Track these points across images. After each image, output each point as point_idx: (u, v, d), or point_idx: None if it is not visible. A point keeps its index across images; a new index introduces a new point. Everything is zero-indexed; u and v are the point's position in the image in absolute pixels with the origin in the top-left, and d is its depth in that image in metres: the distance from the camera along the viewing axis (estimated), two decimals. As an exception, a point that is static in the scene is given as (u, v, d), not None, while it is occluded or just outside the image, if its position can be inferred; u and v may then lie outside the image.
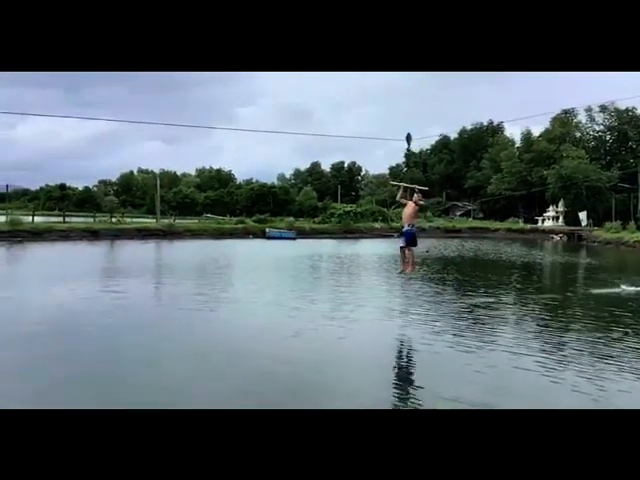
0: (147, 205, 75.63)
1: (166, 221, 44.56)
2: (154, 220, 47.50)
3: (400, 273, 11.64)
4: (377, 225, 51.78)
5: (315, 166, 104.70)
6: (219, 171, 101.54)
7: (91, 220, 44.50)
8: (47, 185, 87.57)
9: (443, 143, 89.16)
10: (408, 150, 11.44)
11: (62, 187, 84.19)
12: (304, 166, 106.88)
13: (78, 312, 10.73)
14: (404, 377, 7.27)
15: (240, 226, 45.37)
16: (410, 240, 10.90)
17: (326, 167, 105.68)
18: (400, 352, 8.32)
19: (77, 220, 45.28)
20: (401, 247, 11.13)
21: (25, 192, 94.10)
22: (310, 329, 9.53)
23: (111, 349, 8.15)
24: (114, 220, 42.94)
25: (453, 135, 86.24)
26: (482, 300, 13.06)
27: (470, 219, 67.30)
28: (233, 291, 14.31)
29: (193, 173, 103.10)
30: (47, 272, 17.82)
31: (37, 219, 41.72)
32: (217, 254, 26.69)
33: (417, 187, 11.34)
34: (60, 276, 16.28)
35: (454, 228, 55.46)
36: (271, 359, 7.51)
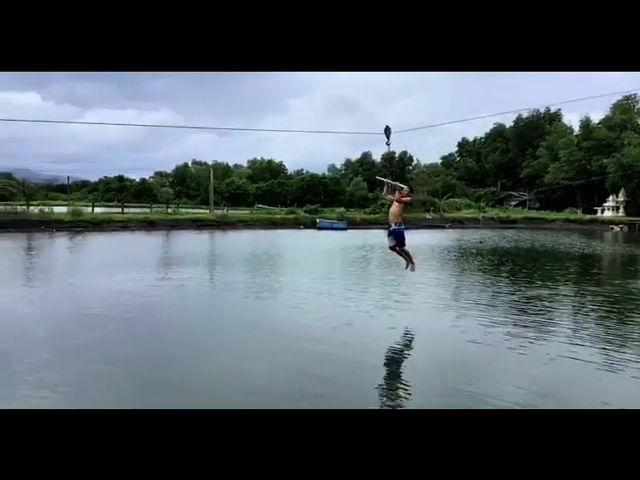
0: (201, 196, 77.15)
1: (219, 212, 45.42)
2: (208, 211, 48.48)
3: (407, 269, 10.70)
4: (428, 216, 51.13)
5: (366, 156, 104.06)
6: (270, 162, 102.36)
7: (148, 211, 45.83)
8: (106, 177, 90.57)
9: (498, 131, 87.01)
10: (387, 144, 10.84)
11: (120, 179, 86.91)
12: (355, 156, 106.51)
13: (143, 299, 11.11)
14: (457, 369, 7.18)
15: (291, 216, 45.76)
16: (398, 239, 10.22)
17: (377, 157, 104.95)
18: (454, 342, 8.20)
19: (134, 211, 46.74)
20: (390, 247, 10.44)
21: (85, 184, 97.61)
22: (362, 318, 9.54)
23: (183, 331, 8.43)
24: (170, 211, 44.14)
25: (508, 123, 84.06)
26: (540, 292, 12.72)
27: (526, 209, 65.56)
28: (285, 280, 14.46)
29: (245, 164, 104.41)
30: (108, 261, 18.50)
31: (97, 210, 43.31)
32: (269, 244, 27.01)
33: (398, 185, 10.49)
34: (121, 265, 16.88)
35: (509, 219, 54.14)
36: (326, 344, 7.58)
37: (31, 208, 35.88)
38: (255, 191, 79.96)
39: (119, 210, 45.61)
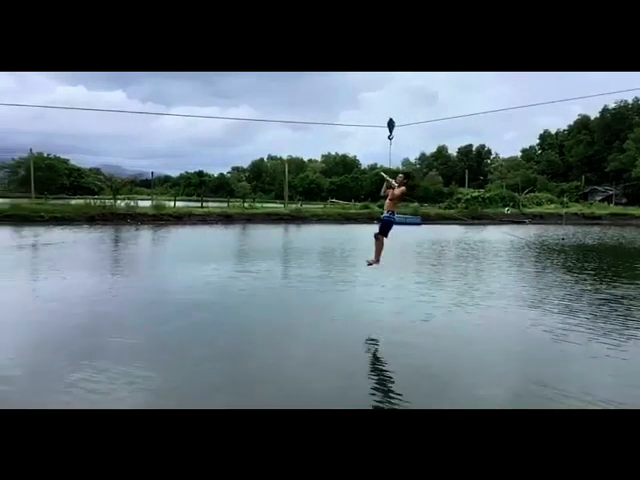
0: (275, 190, 78.54)
1: (293, 206, 46.00)
2: (282, 205, 49.27)
3: (369, 264, 10.05)
4: (507, 211, 49.55)
5: (441, 150, 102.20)
6: (344, 157, 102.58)
7: (225, 205, 47.15)
8: (186, 172, 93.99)
9: (582, 123, 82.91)
10: (390, 138, 10.29)
11: (200, 174, 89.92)
12: (430, 150, 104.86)
13: (224, 289, 11.52)
14: (541, 368, 6.97)
15: (365, 211, 45.68)
16: (383, 227, 9.54)
17: (453, 151, 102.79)
18: (537, 342, 7.96)
19: (213, 205, 48.20)
20: (375, 234, 9.79)
21: (167, 179, 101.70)
22: (440, 314, 9.44)
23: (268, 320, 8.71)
24: (246, 205, 45.19)
25: (593, 114, 79.90)
26: (628, 292, 12.07)
27: (611, 205, 62.11)
28: (360, 274, 14.50)
29: (319, 159, 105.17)
30: (190, 252, 19.28)
31: (178, 204, 44.95)
32: (343, 238, 27.13)
33: (392, 182, 9.53)
34: (202, 256, 17.55)
35: (593, 214, 51.49)
36: (402, 340, 7.58)
37: (118, 202, 37.77)
38: (329, 186, 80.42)
39: (198, 204, 47.19)
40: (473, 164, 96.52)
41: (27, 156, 47.23)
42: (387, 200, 9.54)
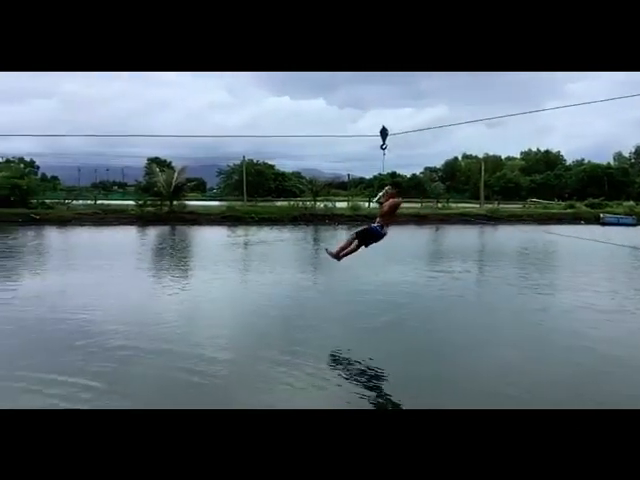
0: (470, 190, 76.30)
1: (490, 206, 44.32)
2: (478, 205, 47.75)
3: (328, 253, 8.75)
4: None
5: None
6: (547, 152, 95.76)
7: (418, 205, 47.21)
8: (380, 174, 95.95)
9: None
10: (382, 148, 8.54)
11: (392, 175, 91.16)
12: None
13: (424, 289, 11.67)
14: None
15: (569, 211, 42.27)
16: (364, 233, 8.41)
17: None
18: None
19: (405, 205, 48.45)
20: (352, 233, 8.61)
21: (361, 180, 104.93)
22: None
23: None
24: (439, 205, 44.71)
25: None
26: None
27: None
28: (562, 279, 13.53)
29: (517, 156, 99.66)
30: (385, 252, 19.71)
31: (372, 205, 46.11)
32: (543, 240, 25.43)
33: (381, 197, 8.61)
34: (398, 256, 17.85)
35: None
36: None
37: (317, 203, 40.03)
38: (528, 184, 75.80)
39: (392, 205, 47.86)
40: None
41: (240, 163, 52.37)
42: (380, 212, 8.68)
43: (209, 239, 24.66)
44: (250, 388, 5.86)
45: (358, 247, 8.47)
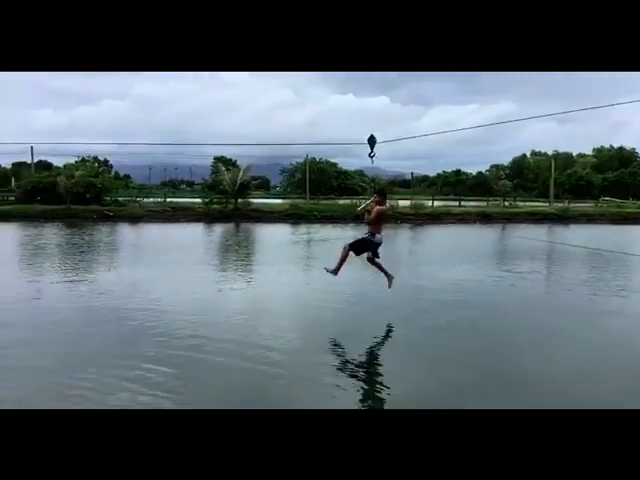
0: (539, 188, 73.82)
1: (559, 205, 42.80)
2: (547, 204, 46.17)
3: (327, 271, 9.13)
4: None
5: None
6: (620, 149, 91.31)
7: (484, 204, 46.14)
8: (444, 172, 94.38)
9: None
10: (371, 156, 7.98)
11: (457, 173, 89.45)
12: None
13: (492, 289, 11.48)
14: None
15: (647, 210, 40.17)
16: (356, 244, 8.88)
17: None
18: None
19: (471, 204, 47.58)
20: (345, 245, 8.96)
21: (424, 178, 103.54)
22: None
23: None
24: (506, 204, 43.56)
25: None
26: None
27: None
28: (637, 281, 12.94)
29: (590, 153, 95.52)
30: (450, 251, 19.49)
31: (436, 203, 45.52)
32: (617, 240, 24.34)
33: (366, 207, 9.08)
34: (463, 255, 17.61)
35: None
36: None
37: (380, 202, 39.88)
38: (601, 182, 72.56)
39: (456, 203, 47.06)
40: None
41: (303, 161, 52.88)
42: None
43: (273, 236, 25.11)
44: (312, 383, 5.99)
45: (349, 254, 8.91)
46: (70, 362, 6.38)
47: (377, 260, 9.24)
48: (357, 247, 8.95)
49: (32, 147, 40.01)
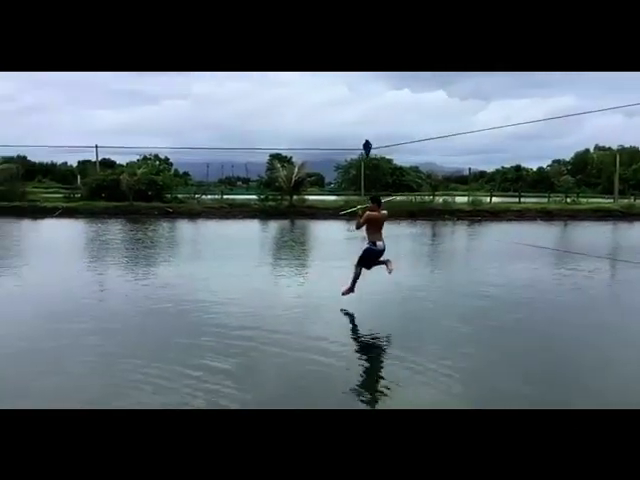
0: (603, 184, 71.03)
1: (625, 201, 41.04)
2: (611, 200, 44.36)
3: (343, 294, 9.13)
4: None
5: None
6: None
7: (545, 200, 44.79)
8: (502, 167, 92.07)
9: None
10: (365, 158, 7.52)
11: (517, 168, 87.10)
12: None
13: (552, 287, 11.23)
14: None
15: None
16: (364, 260, 9.17)
17: None
18: None
19: (531, 200, 46.27)
20: (358, 263, 9.22)
21: (482, 174, 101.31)
22: None
23: None
24: (568, 200, 42.15)
25: None
26: None
27: None
28: None
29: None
30: (508, 249, 19.10)
31: (494, 199, 44.49)
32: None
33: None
34: (522, 253, 17.21)
35: None
36: None
37: (436, 198, 39.35)
38: (671, 178, 69.08)
39: (515, 200, 45.87)
40: None
41: (358, 157, 52.78)
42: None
43: (328, 233, 25.25)
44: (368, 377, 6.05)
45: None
46: (135, 352, 6.70)
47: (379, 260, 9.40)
48: (364, 261, 9.22)
49: (97, 146, 41.65)
